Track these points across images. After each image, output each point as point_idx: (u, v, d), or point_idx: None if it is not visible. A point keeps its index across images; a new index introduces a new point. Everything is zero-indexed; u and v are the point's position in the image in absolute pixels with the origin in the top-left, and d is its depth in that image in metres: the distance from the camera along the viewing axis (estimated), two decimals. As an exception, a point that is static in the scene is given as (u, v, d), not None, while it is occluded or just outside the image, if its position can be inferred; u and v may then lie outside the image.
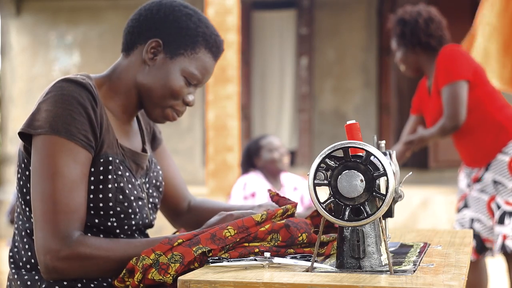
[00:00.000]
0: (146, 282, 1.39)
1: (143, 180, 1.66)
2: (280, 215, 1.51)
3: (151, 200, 1.67)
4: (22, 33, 9.14)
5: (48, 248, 1.44)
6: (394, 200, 1.46)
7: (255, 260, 1.34)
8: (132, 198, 1.58)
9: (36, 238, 1.46)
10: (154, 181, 1.70)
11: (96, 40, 8.98)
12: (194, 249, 1.38)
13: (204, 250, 1.38)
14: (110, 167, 1.54)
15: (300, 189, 4.40)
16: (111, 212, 1.54)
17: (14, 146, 8.95)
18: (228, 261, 1.35)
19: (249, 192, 4.28)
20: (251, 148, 4.39)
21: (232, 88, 6.22)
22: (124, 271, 1.42)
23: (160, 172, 1.74)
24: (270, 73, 8.92)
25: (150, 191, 1.68)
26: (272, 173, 4.32)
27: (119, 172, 1.56)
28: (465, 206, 3.29)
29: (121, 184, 1.55)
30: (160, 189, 1.72)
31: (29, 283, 1.54)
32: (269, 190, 1.63)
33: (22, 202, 1.58)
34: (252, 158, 4.36)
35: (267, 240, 1.45)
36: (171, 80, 1.61)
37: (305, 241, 1.48)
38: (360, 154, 1.28)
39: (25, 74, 9.12)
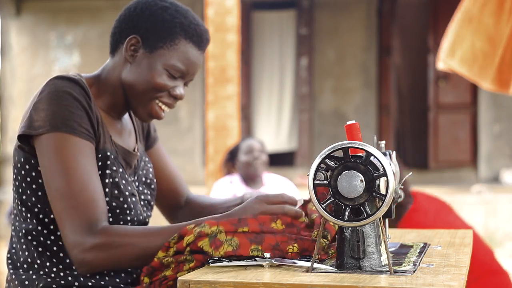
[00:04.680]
0: (193, 247, 1.37)
1: (132, 178, 1.66)
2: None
3: (142, 197, 1.68)
4: (22, 33, 9.14)
5: (73, 242, 1.44)
6: (394, 200, 1.46)
7: (255, 260, 1.34)
8: (127, 193, 1.59)
9: (63, 236, 1.46)
10: (143, 179, 1.70)
11: (96, 40, 8.98)
12: (252, 247, 1.37)
13: (260, 254, 1.37)
14: (108, 162, 1.55)
15: (281, 190, 4.41)
16: (107, 207, 1.54)
17: (14, 146, 8.95)
18: (228, 261, 1.35)
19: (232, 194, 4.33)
20: (233, 150, 4.44)
21: (232, 88, 6.21)
22: (175, 235, 1.40)
23: (151, 170, 1.74)
24: (270, 73, 8.91)
25: (140, 188, 1.68)
26: (247, 175, 4.35)
27: (114, 168, 1.57)
28: None
29: (116, 179, 1.56)
30: (152, 186, 1.72)
31: (26, 282, 1.54)
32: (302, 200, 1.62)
33: (19, 203, 1.57)
34: (234, 160, 4.41)
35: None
36: (152, 74, 1.59)
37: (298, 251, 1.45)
38: (360, 154, 1.28)
39: (25, 74, 9.11)
